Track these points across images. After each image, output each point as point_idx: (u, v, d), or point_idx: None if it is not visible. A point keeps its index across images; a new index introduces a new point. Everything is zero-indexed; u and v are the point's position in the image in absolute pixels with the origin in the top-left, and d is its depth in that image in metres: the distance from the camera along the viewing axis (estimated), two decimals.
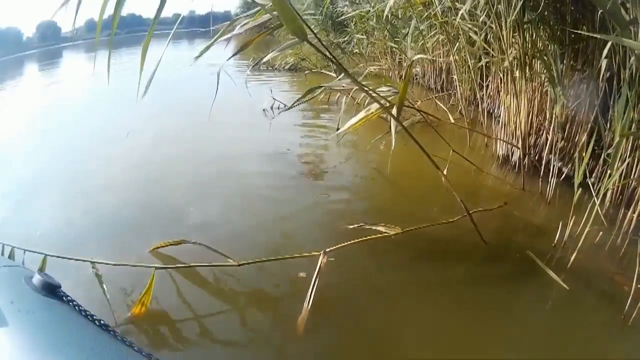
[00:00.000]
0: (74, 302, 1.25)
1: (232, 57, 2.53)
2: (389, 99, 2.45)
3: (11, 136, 5.28)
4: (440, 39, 4.68)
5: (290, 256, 2.35)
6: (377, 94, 2.40)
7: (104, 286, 2.18)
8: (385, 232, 2.45)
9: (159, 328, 2.07)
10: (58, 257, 2.29)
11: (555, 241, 2.42)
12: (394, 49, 6.02)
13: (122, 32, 33.27)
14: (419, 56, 4.88)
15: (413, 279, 2.30)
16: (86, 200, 3.31)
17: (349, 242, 2.37)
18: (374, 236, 2.44)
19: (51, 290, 1.26)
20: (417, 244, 2.49)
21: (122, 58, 12.28)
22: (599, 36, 2.34)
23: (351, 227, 2.61)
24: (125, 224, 2.94)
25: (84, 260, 2.32)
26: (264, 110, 5.43)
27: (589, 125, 2.81)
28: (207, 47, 2.26)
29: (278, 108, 5.45)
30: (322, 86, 2.74)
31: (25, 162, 4.26)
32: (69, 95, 7.38)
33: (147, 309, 2.09)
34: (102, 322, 1.22)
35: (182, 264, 2.40)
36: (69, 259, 2.33)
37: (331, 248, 2.27)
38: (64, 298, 1.26)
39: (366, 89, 2.32)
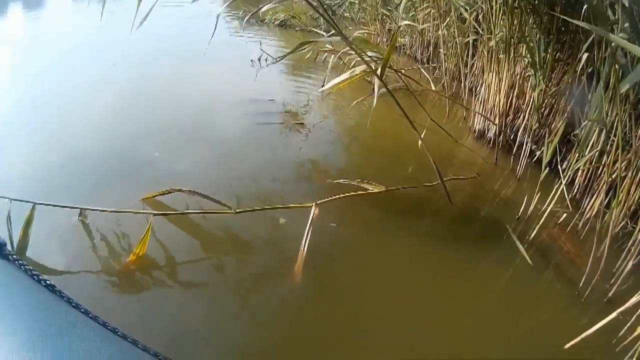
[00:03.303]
0: (20, 262, 1.18)
1: (228, 3, 2.61)
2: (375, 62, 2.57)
3: None
4: (431, 12, 4.78)
5: (285, 206, 2.48)
6: (358, 56, 2.51)
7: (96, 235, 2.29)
8: (370, 190, 2.62)
9: (155, 274, 2.15)
10: (47, 204, 2.26)
11: (519, 214, 2.64)
12: (384, 17, 6.09)
13: None
14: (406, 22, 4.98)
15: (390, 235, 2.50)
16: (64, 145, 3.26)
17: (339, 196, 2.53)
18: (360, 192, 2.62)
19: None
20: (396, 203, 2.69)
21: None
22: (580, 23, 2.49)
23: (335, 181, 2.74)
24: (109, 172, 2.94)
25: (77, 208, 2.37)
26: (251, 61, 5.47)
27: (565, 114, 2.99)
28: None
29: (266, 60, 5.49)
30: (312, 41, 2.84)
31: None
32: (55, 31, 7.21)
33: (143, 256, 2.16)
34: (48, 283, 1.16)
35: (173, 211, 2.48)
36: (59, 206, 2.32)
37: (322, 200, 2.42)
38: (9, 257, 1.17)
39: (355, 49, 2.45)
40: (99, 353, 0.97)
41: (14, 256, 1.17)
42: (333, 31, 2.50)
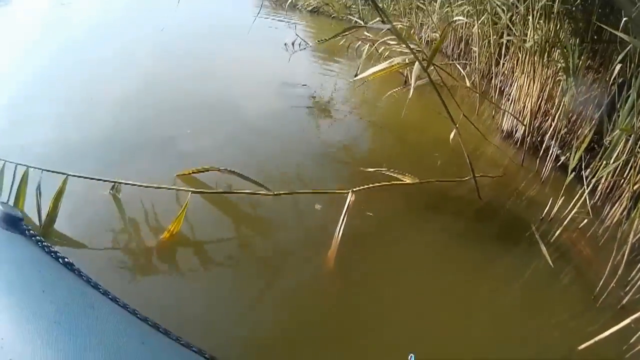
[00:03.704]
0: (37, 237, 1.17)
1: None
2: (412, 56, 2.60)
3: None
4: (465, 10, 4.81)
5: (323, 191, 2.56)
6: (406, 47, 2.52)
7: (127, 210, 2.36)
8: (404, 180, 2.71)
9: (187, 253, 2.21)
10: (80, 177, 2.28)
11: (542, 215, 2.71)
12: (418, 11, 6.11)
13: None
14: (459, 18, 4.93)
15: (418, 226, 2.60)
16: (99, 118, 3.35)
17: (374, 185, 2.60)
18: (394, 182, 2.70)
19: (12, 223, 1.17)
20: (426, 194, 2.77)
21: None
22: (619, 34, 2.54)
23: (370, 170, 2.82)
24: (140, 147, 3.00)
25: (111, 181, 2.39)
26: (285, 44, 5.55)
27: (593, 122, 3.04)
28: None
29: (300, 45, 5.56)
30: (355, 27, 2.87)
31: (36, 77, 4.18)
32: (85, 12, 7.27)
33: (178, 233, 2.20)
34: (67, 261, 1.16)
35: (207, 189, 2.55)
36: (94, 179, 2.33)
37: (358, 188, 2.48)
38: (26, 232, 1.17)
39: (403, 39, 2.50)
40: (117, 334, 0.96)
41: (31, 231, 1.17)
42: (375, 20, 2.52)
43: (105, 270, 2.00)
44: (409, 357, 1.37)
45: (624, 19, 2.52)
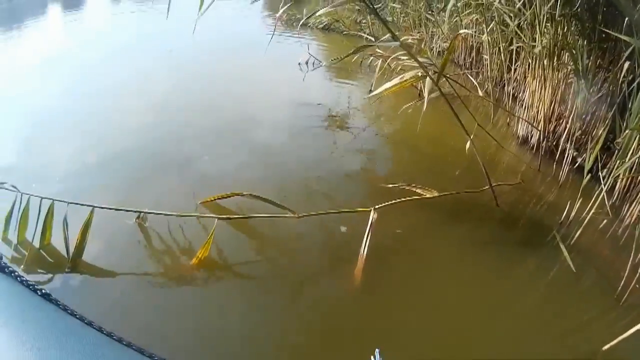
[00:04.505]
0: (15, 273, 1.20)
1: (284, 9, 2.75)
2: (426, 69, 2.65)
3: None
4: (474, 19, 4.84)
5: (346, 210, 2.59)
6: (416, 61, 2.59)
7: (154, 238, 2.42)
8: (423, 195, 2.76)
9: (220, 275, 2.29)
10: (106, 208, 2.38)
11: (562, 219, 2.72)
12: (427, 23, 6.14)
13: None
14: (465, 31, 4.98)
15: (440, 237, 2.63)
16: (115, 145, 3.42)
17: (395, 201, 2.66)
18: (414, 197, 2.75)
19: None
20: (446, 206, 2.80)
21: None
22: (622, 37, 2.57)
23: (389, 186, 2.88)
24: (161, 172, 3.10)
25: (137, 212, 2.49)
26: (299, 64, 5.62)
27: (607, 122, 3.03)
28: None
29: (313, 64, 5.63)
30: (368, 45, 2.94)
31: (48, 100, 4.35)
32: (98, 32, 7.44)
33: (206, 259, 2.28)
34: (44, 292, 1.18)
35: (231, 214, 2.60)
36: (119, 209, 2.43)
37: (379, 205, 2.54)
38: (5, 269, 1.20)
39: (413, 54, 2.56)
40: (95, 356, 1.00)
41: (10, 268, 1.20)
42: (385, 36, 2.57)
43: (135, 297, 2.11)
44: (375, 352, 1.39)
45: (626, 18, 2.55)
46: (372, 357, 1.36)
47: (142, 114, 4.02)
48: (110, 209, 2.40)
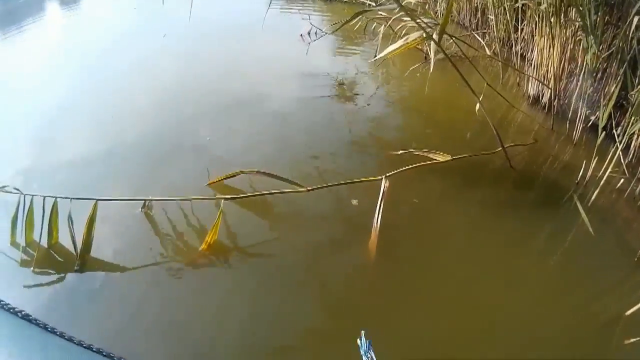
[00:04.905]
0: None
1: None
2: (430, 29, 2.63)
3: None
4: None
5: (358, 180, 2.60)
6: (415, 22, 2.59)
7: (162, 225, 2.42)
8: (435, 159, 2.76)
9: (229, 259, 2.28)
10: (109, 199, 2.39)
11: (578, 179, 2.72)
12: None
13: None
14: None
15: (457, 204, 2.65)
16: (118, 133, 3.41)
17: (407, 168, 2.67)
18: (427, 162, 2.75)
19: None
20: (459, 170, 2.82)
21: None
22: None
23: (400, 152, 2.89)
24: (167, 155, 3.09)
25: (144, 199, 2.49)
26: (301, 35, 5.56)
27: (619, 79, 2.97)
28: None
29: (316, 34, 5.56)
30: (367, 10, 2.92)
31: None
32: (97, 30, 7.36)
33: (215, 242, 2.29)
34: (18, 310, 1.21)
35: (241, 194, 2.59)
36: (122, 200, 2.46)
37: (391, 173, 2.55)
38: None
39: (411, 15, 2.55)
40: None
41: None
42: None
43: (147, 289, 2.13)
44: (361, 333, 1.42)
45: None
46: (357, 339, 1.40)
47: (145, 101, 3.99)
48: (113, 200, 2.42)
